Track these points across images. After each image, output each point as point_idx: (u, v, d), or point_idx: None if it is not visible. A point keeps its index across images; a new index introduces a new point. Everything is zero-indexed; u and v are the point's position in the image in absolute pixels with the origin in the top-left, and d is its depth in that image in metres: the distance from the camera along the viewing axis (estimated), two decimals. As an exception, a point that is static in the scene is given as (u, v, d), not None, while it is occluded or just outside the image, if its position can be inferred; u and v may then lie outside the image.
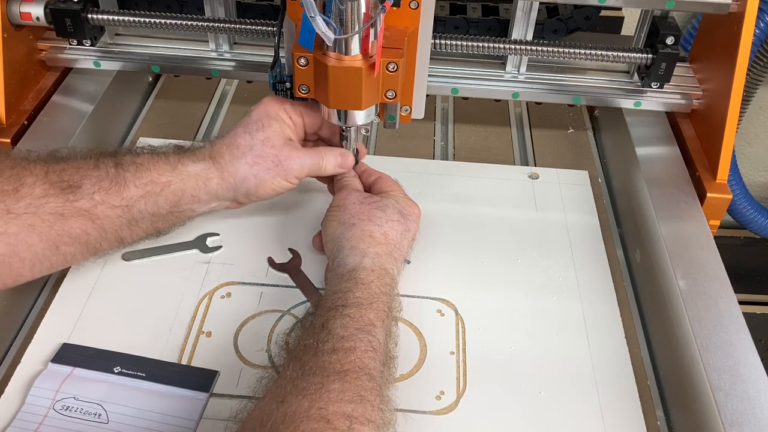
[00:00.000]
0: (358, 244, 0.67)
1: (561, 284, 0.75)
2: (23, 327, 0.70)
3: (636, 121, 0.90)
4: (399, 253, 0.69)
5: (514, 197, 0.85)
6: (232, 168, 0.69)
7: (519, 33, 0.88)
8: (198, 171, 0.69)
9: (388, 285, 0.65)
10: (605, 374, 0.67)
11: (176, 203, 0.68)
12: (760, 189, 1.65)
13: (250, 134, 0.70)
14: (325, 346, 0.57)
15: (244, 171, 0.69)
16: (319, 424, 0.49)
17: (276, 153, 0.70)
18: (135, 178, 0.66)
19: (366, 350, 0.57)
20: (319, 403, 0.51)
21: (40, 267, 0.64)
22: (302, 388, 0.52)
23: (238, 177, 0.69)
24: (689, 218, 0.77)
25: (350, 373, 0.54)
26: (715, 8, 0.82)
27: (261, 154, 0.70)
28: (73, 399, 0.61)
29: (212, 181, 0.69)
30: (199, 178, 0.69)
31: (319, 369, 0.54)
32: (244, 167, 0.69)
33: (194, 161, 0.69)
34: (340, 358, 0.55)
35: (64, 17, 0.87)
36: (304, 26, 0.63)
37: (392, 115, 0.72)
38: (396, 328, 0.64)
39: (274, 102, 0.72)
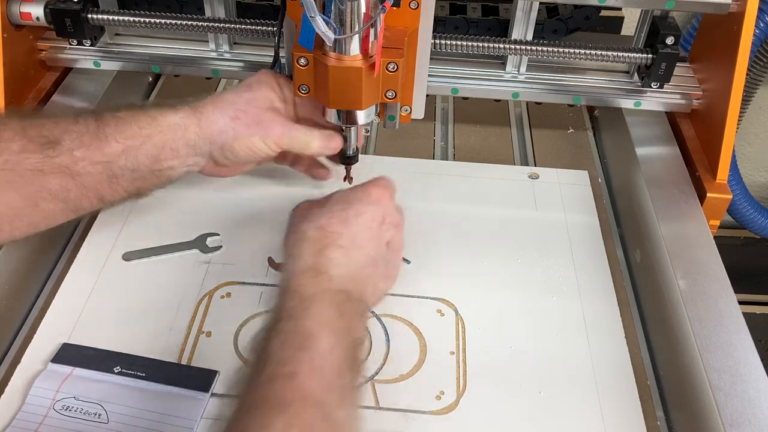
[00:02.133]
0: (294, 249, 0.61)
1: (561, 284, 0.75)
2: (23, 327, 0.70)
3: (636, 121, 0.90)
4: (346, 240, 0.61)
5: (514, 197, 0.85)
6: (213, 117, 0.68)
7: (519, 33, 0.88)
8: (177, 120, 0.67)
9: (328, 281, 0.58)
10: (605, 374, 0.67)
11: (156, 158, 0.66)
12: (760, 189, 1.65)
13: (237, 93, 0.70)
14: (262, 374, 0.50)
15: (224, 122, 0.68)
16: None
17: (259, 113, 0.69)
18: (116, 133, 0.64)
19: (309, 372, 0.50)
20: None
21: (19, 224, 0.63)
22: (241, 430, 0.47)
23: (217, 128, 0.68)
24: (689, 218, 0.77)
25: (293, 404, 0.48)
26: (715, 8, 0.82)
27: (244, 110, 0.68)
28: (73, 399, 0.61)
29: (190, 129, 0.67)
30: (178, 128, 0.67)
31: (258, 404, 0.48)
32: (224, 119, 0.68)
33: (174, 112, 0.67)
34: (279, 387, 0.49)
35: (64, 17, 0.87)
36: (304, 26, 0.63)
37: (392, 115, 0.72)
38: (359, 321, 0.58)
39: (269, 73, 0.72)
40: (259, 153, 0.70)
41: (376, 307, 0.71)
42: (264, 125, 0.69)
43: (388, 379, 0.65)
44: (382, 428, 0.61)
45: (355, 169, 0.79)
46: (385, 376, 0.66)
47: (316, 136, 0.70)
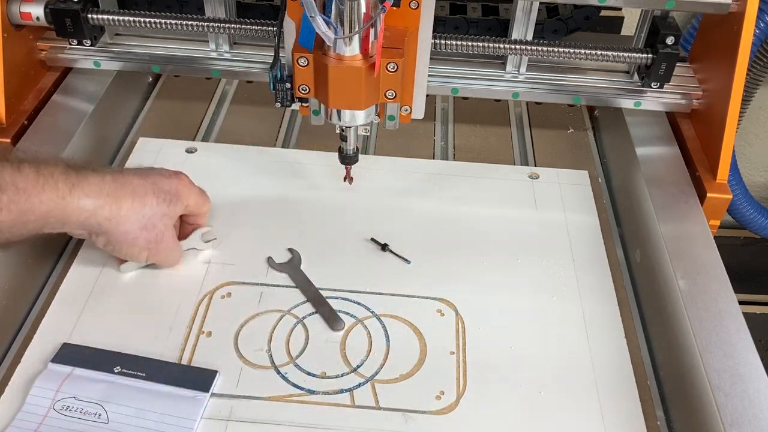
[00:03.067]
0: None
1: (561, 284, 0.75)
2: (23, 327, 0.70)
3: (636, 121, 0.90)
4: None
5: (514, 197, 0.85)
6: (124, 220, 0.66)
7: (519, 33, 0.88)
8: (87, 206, 0.64)
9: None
10: (605, 374, 0.67)
11: (42, 228, 0.63)
12: (760, 189, 1.64)
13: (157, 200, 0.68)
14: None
15: (133, 230, 0.67)
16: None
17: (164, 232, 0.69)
18: (11, 205, 0.59)
19: None
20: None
21: None
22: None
23: (121, 230, 0.66)
24: (689, 218, 0.77)
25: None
26: (715, 8, 0.82)
27: (155, 225, 0.68)
28: (73, 399, 0.61)
29: (95, 218, 0.64)
30: (83, 212, 0.64)
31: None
32: (134, 226, 0.67)
33: (87, 194, 0.63)
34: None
35: (64, 17, 0.87)
36: (304, 26, 0.63)
37: (392, 115, 0.72)
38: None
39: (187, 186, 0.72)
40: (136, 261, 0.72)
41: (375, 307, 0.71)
42: (159, 246, 0.70)
43: (388, 379, 0.65)
44: (382, 428, 0.62)
45: (355, 168, 0.80)
46: (385, 376, 0.66)
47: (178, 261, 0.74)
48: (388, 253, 0.77)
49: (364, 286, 0.73)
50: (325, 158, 0.87)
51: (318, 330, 0.69)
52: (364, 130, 0.73)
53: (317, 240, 0.78)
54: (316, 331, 0.69)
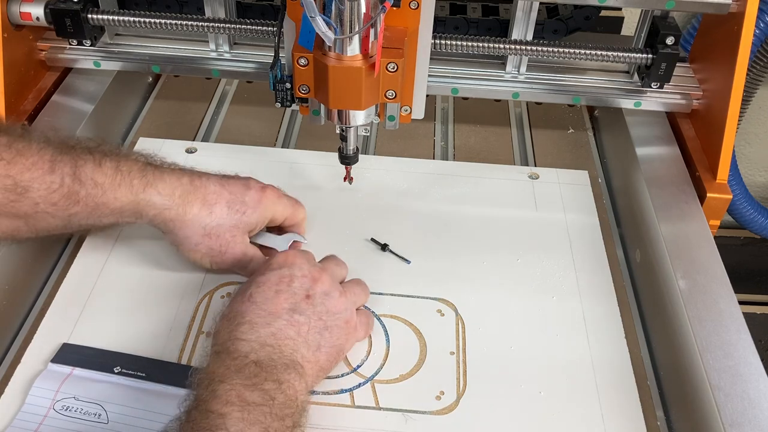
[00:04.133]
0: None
1: (561, 284, 0.75)
2: (23, 327, 0.70)
3: (636, 121, 0.90)
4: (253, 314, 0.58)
5: (514, 197, 0.85)
6: (190, 225, 0.66)
7: (519, 33, 0.88)
8: (157, 203, 0.65)
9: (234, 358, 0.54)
10: (605, 374, 0.67)
11: (117, 221, 0.66)
12: (760, 189, 1.65)
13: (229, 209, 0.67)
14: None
15: (195, 235, 0.67)
16: None
17: (230, 242, 0.68)
18: (88, 198, 0.62)
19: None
20: None
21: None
22: None
23: (184, 234, 0.67)
24: (689, 218, 0.77)
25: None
26: (715, 8, 0.82)
27: (219, 234, 0.67)
28: (73, 399, 0.61)
29: (162, 216, 0.66)
30: (152, 208, 0.65)
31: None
32: (198, 232, 0.67)
33: (159, 193, 0.65)
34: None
35: (64, 17, 0.87)
36: (304, 26, 0.63)
37: (392, 115, 0.72)
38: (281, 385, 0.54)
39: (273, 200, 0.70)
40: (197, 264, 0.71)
41: (375, 307, 0.71)
42: (224, 255, 0.69)
43: (388, 379, 0.65)
44: (382, 428, 0.62)
45: (355, 169, 0.80)
46: (385, 376, 0.66)
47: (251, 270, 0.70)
48: (388, 253, 0.77)
49: (364, 286, 0.73)
50: (325, 158, 0.87)
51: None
52: (364, 130, 0.74)
53: (317, 240, 0.78)
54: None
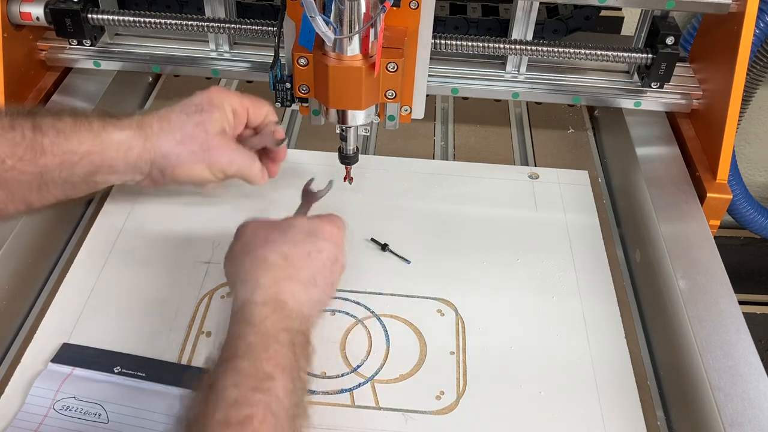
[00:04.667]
0: (250, 274, 0.57)
1: (561, 284, 0.75)
2: (23, 327, 0.70)
3: (636, 121, 0.90)
4: (306, 274, 0.58)
5: (514, 197, 0.85)
6: (157, 140, 0.66)
7: (519, 33, 0.88)
8: (121, 139, 0.64)
9: (288, 318, 0.55)
10: (605, 374, 0.67)
11: (92, 173, 0.64)
12: (760, 189, 1.64)
13: (186, 114, 0.68)
14: (215, 416, 0.47)
15: (169, 146, 0.66)
16: None
17: (207, 139, 0.67)
18: (53, 146, 0.62)
19: (264, 418, 0.47)
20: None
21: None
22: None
23: (161, 151, 0.66)
24: (689, 218, 0.77)
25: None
26: (715, 8, 0.82)
27: (192, 135, 0.66)
28: (73, 399, 0.61)
29: (133, 150, 0.65)
30: (120, 146, 0.64)
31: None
32: (170, 143, 0.66)
33: (119, 129, 0.65)
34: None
35: (64, 17, 0.87)
36: (304, 26, 0.63)
37: (392, 115, 0.72)
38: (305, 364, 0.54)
39: (219, 92, 0.70)
40: (201, 179, 0.69)
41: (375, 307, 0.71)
42: (211, 153, 0.67)
43: (388, 379, 0.65)
44: (382, 428, 0.62)
45: (355, 169, 0.80)
46: (385, 376, 0.66)
47: (257, 167, 0.71)
48: (388, 253, 0.77)
49: (364, 286, 0.73)
50: (325, 158, 0.87)
51: (318, 330, 0.69)
52: (364, 130, 0.74)
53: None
54: (316, 331, 0.69)
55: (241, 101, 0.71)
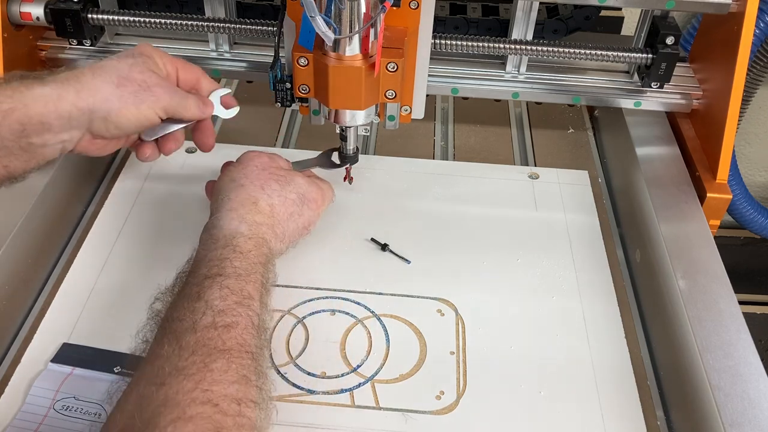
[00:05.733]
0: (239, 208, 0.65)
1: (561, 284, 0.75)
2: (23, 327, 0.70)
3: (636, 121, 0.90)
4: (281, 230, 0.68)
5: (514, 197, 0.85)
6: (94, 84, 0.62)
7: (519, 33, 0.88)
8: (47, 92, 0.60)
9: (265, 255, 0.64)
10: (605, 374, 0.67)
11: (22, 133, 0.59)
12: (760, 189, 1.64)
13: (118, 60, 0.65)
14: (203, 320, 0.54)
15: (108, 90, 0.62)
16: (205, 408, 0.47)
17: (145, 78, 0.64)
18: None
19: (246, 326, 0.55)
20: (203, 384, 0.49)
21: None
22: (182, 368, 0.50)
23: (100, 96, 0.61)
24: (689, 218, 0.77)
25: (232, 351, 0.52)
26: (715, 8, 0.82)
27: (128, 76, 0.63)
28: (73, 399, 0.61)
29: (65, 100, 0.60)
30: (48, 99, 0.60)
31: (198, 346, 0.52)
32: (108, 86, 0.62)
33: (43, 84, 0.60)
34: (220, 334, 0.53)
35: (64, 17, 0.87)
36: (304, 26, 0.63)
37: (392, 115, 0.73)
38: (269, 299, 0.62)
39: (147, 45, 0.69)
40: (145, 122, 0.65)
41: (375, 307, 0.71)
42: (153, 91, 0.64)
43: (388, 379, 0.65)
44: (382, 428, 0.62)
45: (355, 169, 0.80)
46: (385, 376, 0.66)
47: (193, 101, 0.68)
48: (388, 253, 0.77)
49: (364, 286, 0.73)
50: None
51: (318, 330, 0.69)
52: (364, 130, 0.74)
53: (317, 240, 0.78)
54: (316, 331, 0.69)
55: (171, 59, 0.70)
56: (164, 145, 0.71)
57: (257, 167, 0.70)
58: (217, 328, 0.54)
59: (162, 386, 0.49)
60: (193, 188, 0.83)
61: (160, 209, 0.81)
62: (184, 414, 0.47)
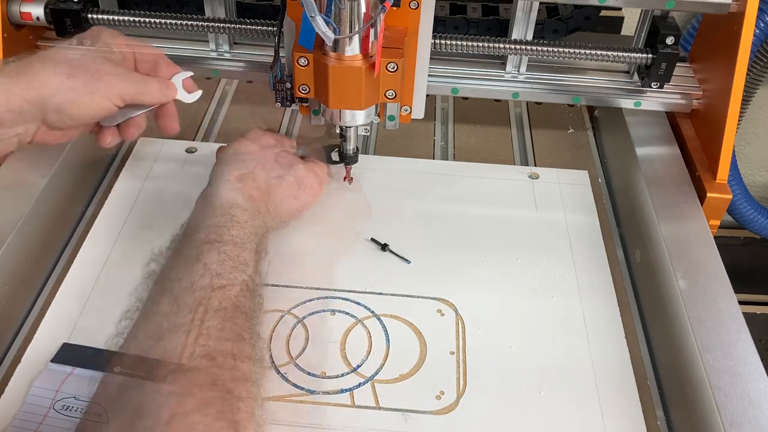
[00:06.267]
0: (236, 181, 0.67)
1: (561, 284, 0.75)
2: (23, 327, 0.70)
3: (636, 121, 0.90)
4: (275, 210, 0.70)
5: (514, 197, 0.85)
6: (43, 76, 0.61)
7: (519, 33, 0.88)
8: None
9: (260, 227, 0.66)
10: (605, 374, 0.67)
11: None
12: (760, 189, 1.64)
13: (69, 47, 0.64)
14: (201, 281, 0.56)
15: (58, 81, 0.61)
16: (202, 361, 0.49)
17: (98, 67, 0.63)
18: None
19: (242, 289, 0.57)
20: (200, 339, 0.51)
21: None
22: (180, 324, 0.52)
23: (49, 89, 0.60)
24: (689, 218, 0.77)
25: (227, 310, 0.54)
26: (715, 8, 0.82)
27: (80, 65, 0.62)
28: (74, 399, 0.61)
29: (15, 94, 0.59)
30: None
31: (196, 304, 0.54)
32: (58, 78, 0.61)
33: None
34: (217, 294, 0.55)
35: (64, 17, 0.87)
36: (304, 26, 0.63)
37: (392, 115, 0.73)
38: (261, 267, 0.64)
39: (99, 28, 0.68)
40: (101, 111, 0.64)
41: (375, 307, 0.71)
42: (106, 81, 0.63)
43: (388, 379, 0.65)
44: (382, 428, 0.62)
45: (355, 168, 0.80)
46: (385, 376, 0.66)
47: (154, 85, 0.68)
48: (388, 253, 0.77)
49: (364, 286, 0.73)
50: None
51: (318, 330, 0.69)
52: (364, 130, 0.74)
53: (318, 240, 0.78)
54: (316, 331, 0.69)
55: (126, 42, 0.69)
56: (126, 131, 0.70)
57: (262, 146, 0.72)
58: (214, 289, 0.56)
59: (161, 340, 0.51)
60: (193, 188, 0.82)
61: (160, 209, 0.81)
62: (182, 366, 0.48)
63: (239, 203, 0.65)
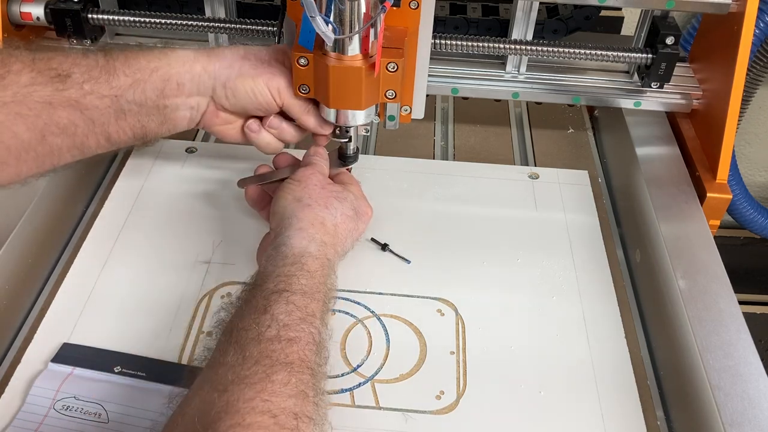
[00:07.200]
0: (308, 228, 0.66)
1: (561, 284, 0.75)
2: (23, 327, 0.70)
3: (636, 121, 0.90)
4: (342, 248, 0.70)
5: (514, 197, 0.85)
6: (221, 53, 0.69)
7: (519, 33, 0.88)
8: (186, 54, 0.68)
9: (329, 276, 0.65)
10: (605, 374, 0.67)
11: (162, 92, 0.67)
12: (760, 189, 1.64)
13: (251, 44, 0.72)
14: (268, 332, 0.55)
15: (232, 58, 0.69)
16: (264, 418, 0.48)
17: (269, 58, 0.70)
18: (124, 66, 0.66)
19: (308, 342, 0.56)
20: (263, 394, 0.50)
21: (26, 157, 0.62)
22: (244, 377, 0.51)
23: (225, 62, 0.69)
24: (689, 218, 0.77)
25: (294, 365, 0.53)
26: (715, 8, 0.82)
27: (255, 53, 0.70)
28: (74, 399, 0.61)
29: (199, 62, 0.68)
30: (186, 59, 0.68)
31: (262, 357, 0.53)
32: (234, 56, 0.69)
33: (184, 49, 0.69)
34: (284, 347, 0.54)
35: (64, 17, 0.87)
36: (304, 26, 0.63)
37: (392, 115, 0.73)
38: (329, 319, 0.63)
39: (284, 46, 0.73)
40: (260, 98, 0.69)
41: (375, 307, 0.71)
42: (271, 69, 0.69)
43: (388, 379, 0.65)
44: (382, 428, 0.62)
45: (355, 168, 0.80)
46: (385, 376, 0.66)
47: (312, 117, 0.71)
48: (388, 253, 0.77)
49: (364, 286, 0.73)
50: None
51: (318, 330, 0.69)
52: (364, 130, 0.74)
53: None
54: (316, 331, 0.69)
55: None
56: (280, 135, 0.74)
57: (317, 186, 0.70)
58: (281, 341, 0.54)
59: (224, 393, 0.49)
60: (193, 188, 0.83)
61: (160, 209, 0.81)
62: (243, 421, 0.47)
63: (311, 252, 0.64)
